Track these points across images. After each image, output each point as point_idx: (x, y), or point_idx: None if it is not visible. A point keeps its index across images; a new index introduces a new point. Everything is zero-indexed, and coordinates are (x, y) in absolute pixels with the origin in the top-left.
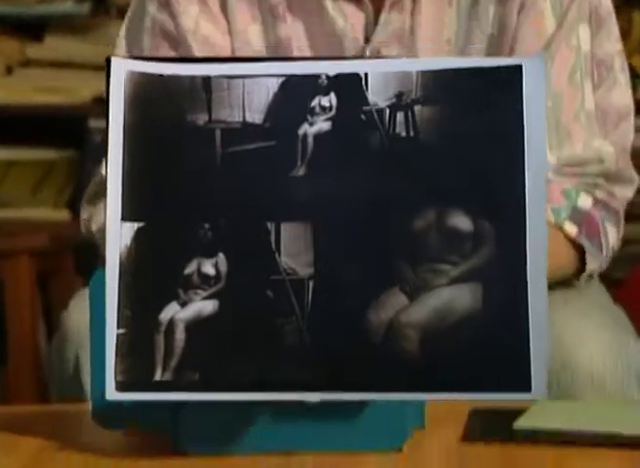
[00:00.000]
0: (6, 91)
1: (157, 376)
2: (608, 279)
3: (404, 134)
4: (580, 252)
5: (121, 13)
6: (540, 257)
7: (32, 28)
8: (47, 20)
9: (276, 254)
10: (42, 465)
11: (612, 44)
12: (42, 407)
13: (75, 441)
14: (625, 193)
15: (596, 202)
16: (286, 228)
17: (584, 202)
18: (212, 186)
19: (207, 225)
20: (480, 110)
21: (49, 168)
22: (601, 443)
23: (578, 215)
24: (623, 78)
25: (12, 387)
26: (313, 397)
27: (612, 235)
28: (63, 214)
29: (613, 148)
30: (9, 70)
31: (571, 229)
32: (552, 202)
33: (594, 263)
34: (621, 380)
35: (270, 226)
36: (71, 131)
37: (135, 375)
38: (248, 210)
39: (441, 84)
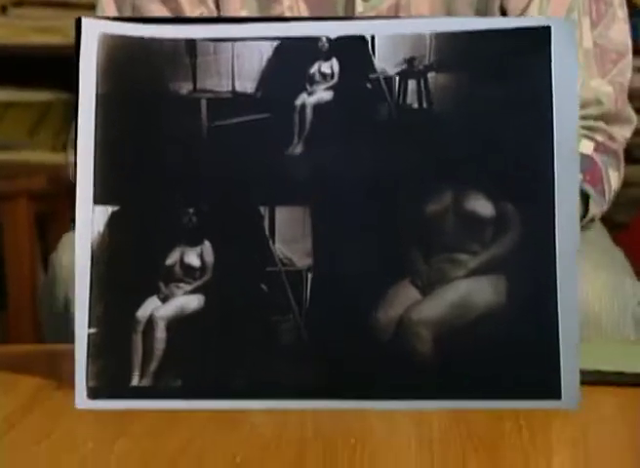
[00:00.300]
0: (1, 30)
1: (134, 381)
2: (610, 222)
3: (416, 104)
4: (584, 197)
5: None
6: (572, 246)
7: None
8: None
9: (270, 242)
10: (40, 404)
11: None
12: (40, 346)
13: (73, 380)
14: (624, 133)
15: (597, 146)
16: (281, 212)
17: (586, 147)
18: (197, 165)
19: (191, 209)
20: (503, 78)
21: (45, 109)
22: (603, 381)
23: (581, 162)
24: (622, 14)
25: (12, 330)
26: (312, 404)
27: (614, 180)
28: (61, 157)
29: (611, 88)
30: (3, 10)
31: None
32: None
33: (596, 209)
34: (617, 320)
35: (264, 210)
36: (68, 72)
37: (109, 381)
38: (238, 192)
39: (459, 48)
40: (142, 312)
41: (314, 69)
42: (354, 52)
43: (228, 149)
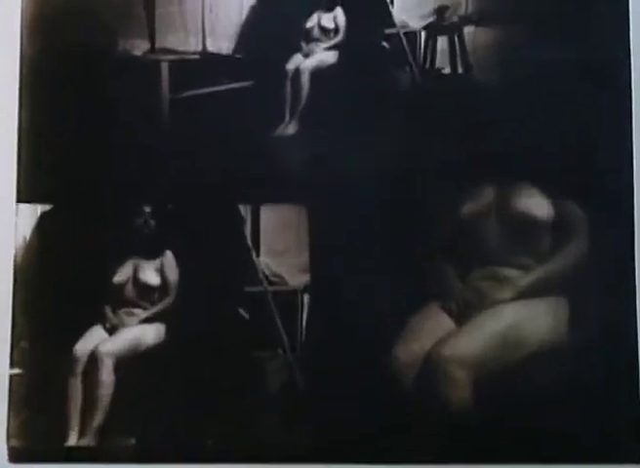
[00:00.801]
0: None
1: (72, 440)
2: None
3: (447, 69)
4: None
5: None
6: None
7: None
8: None
9: (253, 253)
10: None
11: None
12: None
13: None
14: None
15: None
16: (268, 214)
17: None
18: (155, 149)
19: (148, 209)
20: (564, 33)
21: None
22: None
23: None
24: None
25: None
26: None
27: None
28: None
29: None
30: None
31: None
32: None
33: None
34: None
35: (245, 211)
36: None
37: (37, 439)
38: (210, 185)
39: None
40: (83, 346)
41: (312, 22)
42: None
43: (197, 129)
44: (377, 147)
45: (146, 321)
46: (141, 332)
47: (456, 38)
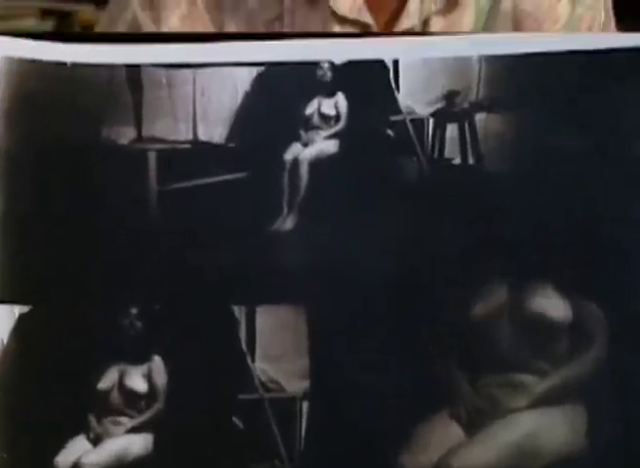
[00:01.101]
0: None
1: None
2: None
3: (457, 159)
4: None
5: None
6: None
7: None
8: None
9: (248, 358)
10: None
11: None
12: None
13: None
14: None
15: None
16: (264, 315)
17: None
18: (142, 246)
19: (134, 310)
20: (583, 122)
21: None
22: None
23: None
24: None
25: None
26: None
27: None
28: None
29: None
30: None
31: None
32: None
33: None
34: None
35: (239, 312)
36: None
37: None
38: (202, 285)
39: (520, 78)
40: (65, 458)
41: (312, 109)
42: (369, 84)
43: (188, 223)
44: (380, 243)
45: (133, 430)
46: (128, 443)
47: (466, 126)
